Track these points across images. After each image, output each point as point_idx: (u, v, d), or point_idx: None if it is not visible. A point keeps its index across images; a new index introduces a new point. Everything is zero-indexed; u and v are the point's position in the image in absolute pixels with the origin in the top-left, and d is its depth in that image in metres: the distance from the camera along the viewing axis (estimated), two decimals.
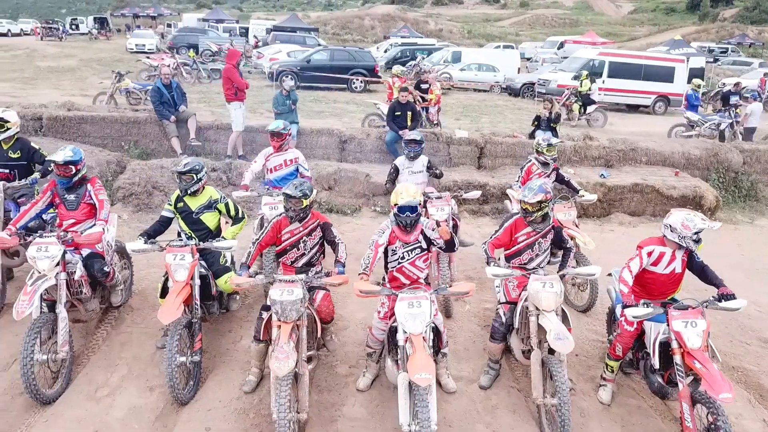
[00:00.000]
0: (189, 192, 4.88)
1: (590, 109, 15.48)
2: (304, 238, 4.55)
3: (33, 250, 4.38)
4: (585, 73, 16.59)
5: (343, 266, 4.34)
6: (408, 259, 4.41)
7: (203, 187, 4.98)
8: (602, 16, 77.12)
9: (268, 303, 4.24)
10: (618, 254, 5.96)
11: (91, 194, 4.91)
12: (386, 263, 4.50)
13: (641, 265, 4.32)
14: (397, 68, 13.86)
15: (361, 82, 19.62)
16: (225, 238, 4.93)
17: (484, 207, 8.91)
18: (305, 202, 4.40)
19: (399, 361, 3.92)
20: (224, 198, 5.05)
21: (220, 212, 5.06)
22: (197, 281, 4.60)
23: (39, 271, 4.36)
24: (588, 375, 4.96)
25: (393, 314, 4.35)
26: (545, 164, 6.63)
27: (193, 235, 4.91)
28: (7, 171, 5.50)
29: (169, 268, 4.50)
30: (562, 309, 4.36)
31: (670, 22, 68.79)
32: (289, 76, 10.35)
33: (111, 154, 8.75)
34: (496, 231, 4.83)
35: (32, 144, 5.66)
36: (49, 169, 5.68)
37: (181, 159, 5.06)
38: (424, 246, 4.41)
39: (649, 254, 4.31)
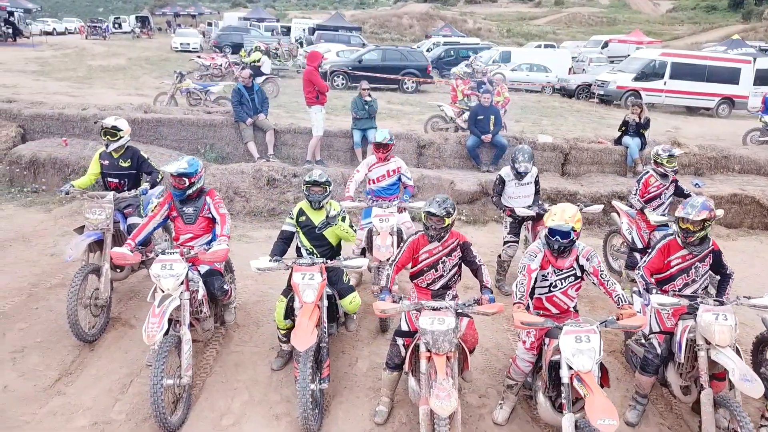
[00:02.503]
0: (320, 205, 4.60)
1: None
2: (443, 258, 4.21)
3: (157, 267, 4.14)
4: None
5: (491, 291, 3.99)
6: (560, 288, 4.03)
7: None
8: (640, 15, 75.28)
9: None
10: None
11: (210, 207, 4.65)
12: (532, 289, 4.13)
13: None
14: (460, 69, 13.49)
15: (413, 82, 19.27)
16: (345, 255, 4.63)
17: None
18: (447, 221, 4.06)
19: (564, 401, 3.55)
20: (344, 211, 4.75)
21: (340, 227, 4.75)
22: (325, 302, 4.31)
23: (163, 290, 4.10)
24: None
25: (540, 345, 4.03)
26: (664, 176, 6.19)
27: (315, 252, 4.62)
28: (116, 180, 5.30)
29: (297, 288, 4.20)
30: (735, 344, 3.94)
31: (712, 20, 66.71)
32: (366, 80, 10.00)
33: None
34: (649, 254, 4.42)
35: (141, 153, 5.44)
36: (157, 180, 5.47)
37: (313, 169, 4.76)
38: (579, 274, 4.03)
39: None
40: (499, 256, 6.39)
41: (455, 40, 32.55)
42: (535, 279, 4.04)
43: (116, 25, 42.11)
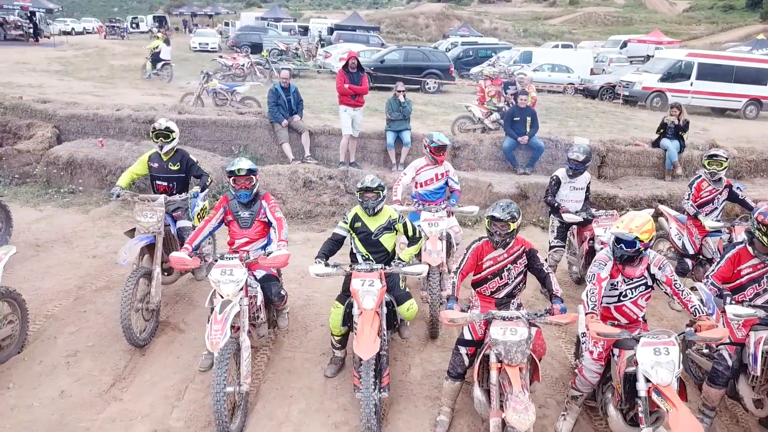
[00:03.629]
0: (374, 211, 4.51)
1: None
2: (509, 266, 4.10)
3: (217, 273, 4.07)
4: None
5: (562, 301, 3.88)
6: (630, 297, 3.91)
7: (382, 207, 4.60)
8: (656, 14, 74.55)
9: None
10: None
11: (266, 211, 4.58)
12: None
13: None
14: (488, 69, 13.35)
15: (435, 83, 19.14)
16: (402, 260, 4.54)
17: None
18: (513, 226, 3.96)
19: (641, 415, 3.43)
20: (402, 218, 4.65)
21: (397, 232, 4.66)
22: (384, 309, 4.22)
23: (222, 296, 4.04)
24: None
25: (608, 356, 3.92)
26: (718, 181, 6.04)
27: (370, 258, 4.53)
28: (165, 184, 5.25)
29: (357, 294, 4.12)
30: None
31: (729, 20, 65.84)
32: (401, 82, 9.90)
33: (224, 158, 8.52)
34: (717, 263, 4.29)
35: (190, 156, 5.39)
36: (207, 183, 5.42)
37: (366, 175, 4.67)
38: (650, 283, 3.91)
39: None
40: (545, 260, 6.26)
41: (473, 40, 32.33)
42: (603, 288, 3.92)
43: (134, 25, 42.34)
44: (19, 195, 7.86)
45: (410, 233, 4.64)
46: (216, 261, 4.19)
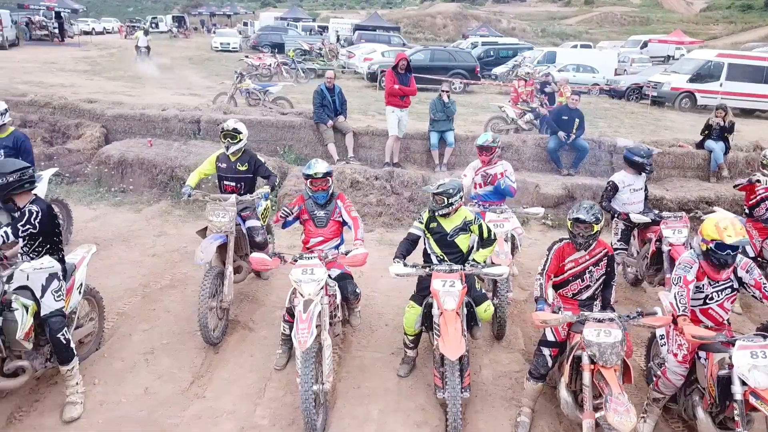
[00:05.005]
0: (439, 214, 4.52)
1: None
2: (591, 268, 4.11)
3: (298, 272, 4.11)
4: None
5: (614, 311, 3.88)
6: (717, 300, 3.90)
7: (456, 209, 4.60)
8: (673, 14, 73.90)
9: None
10: None
11: (342, 211, 4.63)
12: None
13: None
14: (523, 70, 13.32)
15: (461, 83, 19.13)
16: (476, 261, 4.55)
17: None
18: (596, 228, 3.97)
19: (738, 418, 3.42)
20: (478, 219, 4.66)
21: (472, 234, 4.67)
22: (464, 310, 4.24)
23: (303, 295, 4.07)
24: None
25: (693, 359, 3.91)
26: None
27: (445, 259, 4.55)
28: (233, 184, 5.30)
29: (437, 295, 4.14)
30: None
31: (748, 20, 65.09)
32: (449, 81, 9.93)
33: (270, 159, 8.57)
34: None
35: (258, 157, 5.44)
36: (275, 184, 5.47)
37: (438, 179, 4.68)
38: (736, 286, 3.89)
39: None
40: None
41: (493, 40, 32.22)
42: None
43: (153, 25, 42.67)
44: (72, 193, 7.96)
45: (485, 235, 4.65)
46: (296, 261, 4.23)
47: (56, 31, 29.84)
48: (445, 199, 4.43)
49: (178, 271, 6.17)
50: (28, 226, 3.77)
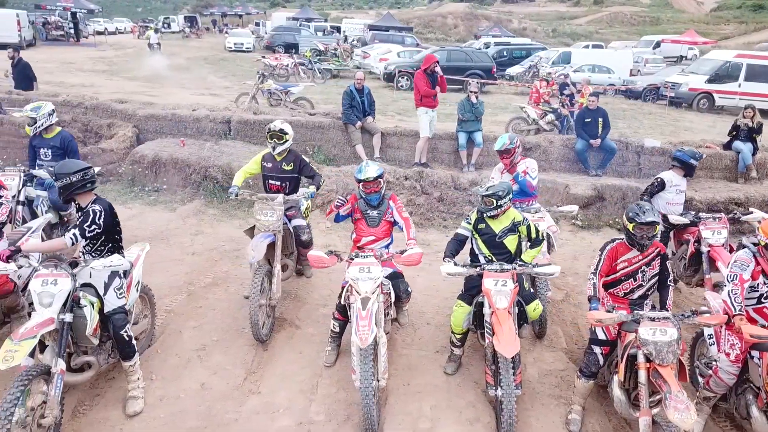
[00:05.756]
0: (488, 215, 4.58)
1: None
2: (643, 267, 4.16)
3: (355, 271, 4.19)
4: None
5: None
6: None
7: (504, 211, 4.66)
8: (683, 14, 73.55)
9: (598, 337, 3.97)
10: None
11: (393, 211, 4.70)
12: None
13: None
14: (545, 71, 13.34)
15: (477, 83, 19.13)
16: (525, 261, 4.61)
17: None
18: (658, 229, 4.02)
19: None
20: (526, 220, 4.72)
21: (520, 234, 4.73)
22: (515, 309, 4.31)
23: (360, 293, 4.14)
24: None
25: (745, 358, 3.95)
26: None
27: (493, 259, 4.61)
28: (278, 183, 5.37)
29: (489, 294, 4.20)
30: None
31: (759, 19, 64.69)
32: (475, 81, 9.98)
33: None
34: None
35: (303, 157, 5.52)
36: (320, 183, 5.55)
37: (488, 182, 4.73)
38: None
39: None
40: None
41: (505, 41, 32.23)
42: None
43: (165, 25, 42.93)
44: (106, 192, 8.06)
45: (533, 235, 4.70)
46: (352, 260, 4.30)
47: (72, 31, 30.05)
48: (494, 201, 4.49)
49: (219, 270, 6.26)
50: (93, 227, 3.87)
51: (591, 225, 8.22)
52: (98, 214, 3.93)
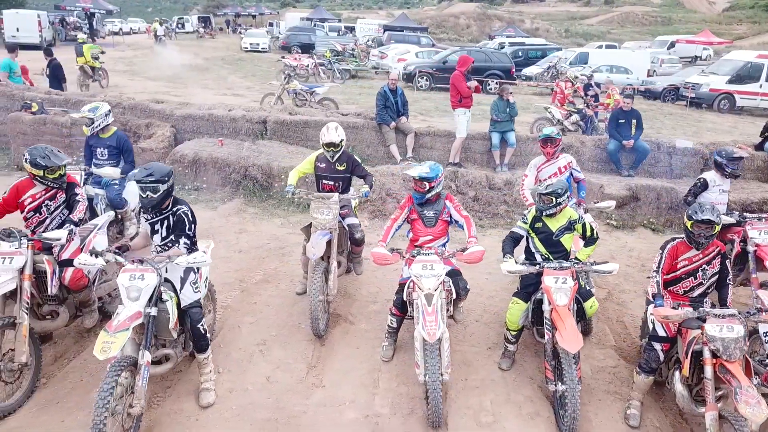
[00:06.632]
0: (547, 214, 4.67)
1: None
2: (704, 266, 4.25)
3: (418, 268, 4.29)
4: None
5: None
6: None
7: (561, 209, 4.75)
8: (695, 14, 73.18)
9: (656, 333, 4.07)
10: None
11: (451, 211, 4.80)
12: None
13: None
14: (572, 72, 13.40)
15: (497, 83, 19.21)
16: (579, 260, 4.71)
17: None
18: (717, 228, 4.11)
19: None
20: (581, 218, 4.81)
21: (575, 233, 4.82)
22: (575, 306, 4.40)
23: (423, 289, 4.24)
24: None
25: None
26: None
27: (550, 257, 4.69)
28: (331, 183, 5.49)
29: (549, 291, 4.30)
30: None
31: None
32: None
33: None
34: None
35: (355, 157, 5.63)
36: (372, 183, 5.65)
37: (546, 180, 4.81)
38: None
39: None
40: None
41: (520, 41, 32.25)
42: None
43: (179, 25, 43.25)
44: None
45: (588, 233, 4.79)
46: (414, 257, 4.40)
47: (89, 32, 30.35)
48: (554, 198, 4.58)
49: (267, 267, 6.39)
50: (193, 227, 4.06)
51: (625, 225, 8.28)
52: (189, 214, 4.11)
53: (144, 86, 17.81)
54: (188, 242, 3.98)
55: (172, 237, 4.18)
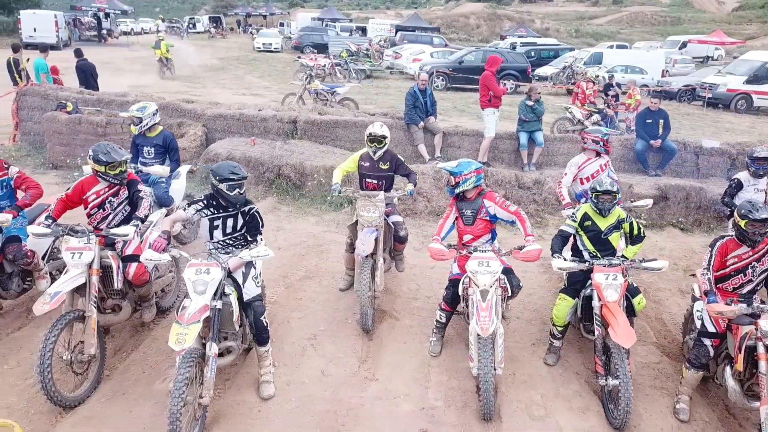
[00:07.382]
0: (603, 212, 4.74)
1: None
2: (754, 263, 4.32)
3: (474, 264, 4.38)
4: None
5: None
6: None
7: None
8: (704, 14, 72.87)
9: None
10: None
11: (494, 209, 4.86)
12: None
13: None
14: (592, 72, 13.47)
15: (513, 84, 19.29)
16: (626, 258, 4.78)
17: None
18: None
19: None
20: (629, 217, 4.90)
21: (623, 231, 4.91)
22: (624, 302, 4.48)
23: (479, 285, 4.33)
24: None
25: None
26: None
27: (598, 255, 4.77)
28: (375, 182, 5.57)
29: (600, 288, 4.38)
30: None
31: None
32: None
33: None
34: None
35: (398, 156, 5.73)
36: (416, 181, 5.74)
37: (604, 179, 4.86)
38: None
39: None
40: None
41: (531, 41, 32.29)
42: None
43: (191, 26, 43.49)
44: None
45: (635, 232, 4.88)
46: (470, 254, 4.50)
47: (104, 32, 30.59)
48: (615, 196, 4.68)
49: (308, 264, 6.49)
50: (262, 222, 4.23)
51: (654, 224, 8.34)
52: (258, 212, 4.25)
53: (164, 86, 17.98)
54: (263, 239, 4.09)
55: (235, 235, 4.30)
